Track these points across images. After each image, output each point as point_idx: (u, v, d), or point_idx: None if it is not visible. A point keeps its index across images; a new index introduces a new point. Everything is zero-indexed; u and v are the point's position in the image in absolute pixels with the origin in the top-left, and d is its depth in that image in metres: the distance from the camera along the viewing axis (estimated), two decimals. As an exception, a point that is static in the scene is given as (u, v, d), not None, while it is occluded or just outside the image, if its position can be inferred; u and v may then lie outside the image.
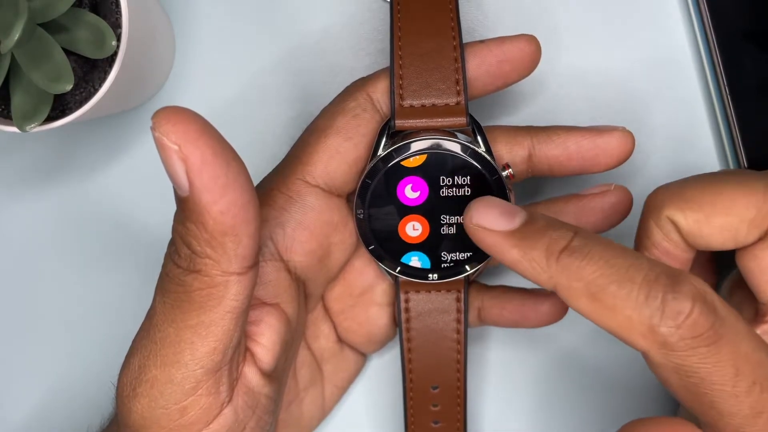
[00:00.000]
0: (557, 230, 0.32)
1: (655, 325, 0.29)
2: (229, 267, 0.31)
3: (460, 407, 0.40)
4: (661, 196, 0.36)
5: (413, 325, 0.40)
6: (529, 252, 0.32)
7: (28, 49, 0.38)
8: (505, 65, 0.37)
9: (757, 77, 0.42)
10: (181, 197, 0.31)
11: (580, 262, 0.31)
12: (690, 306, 0.29)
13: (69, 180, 0.46)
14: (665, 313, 0.29)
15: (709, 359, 0.29)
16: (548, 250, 0.31)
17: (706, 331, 0.29)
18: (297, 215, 0.37)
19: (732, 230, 0.33)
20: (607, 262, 0.30)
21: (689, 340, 0.29)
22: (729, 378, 0.29)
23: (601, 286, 0.30)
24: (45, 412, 0.47)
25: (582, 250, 0.31)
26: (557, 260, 0.31)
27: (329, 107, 0.38)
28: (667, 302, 0.29)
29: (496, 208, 0.33)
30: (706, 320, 0.29)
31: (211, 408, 0.33)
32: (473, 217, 0.33)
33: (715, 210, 0.34)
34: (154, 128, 0.30)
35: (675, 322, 0.29)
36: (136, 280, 0.46)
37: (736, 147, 0.42)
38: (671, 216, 0.35)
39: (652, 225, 0.35)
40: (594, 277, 0.30)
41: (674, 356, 0.29)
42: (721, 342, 0.29)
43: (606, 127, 0.39)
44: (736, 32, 0.42)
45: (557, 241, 0.32)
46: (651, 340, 0.30)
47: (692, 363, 0.29)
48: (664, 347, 0.29)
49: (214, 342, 0.32)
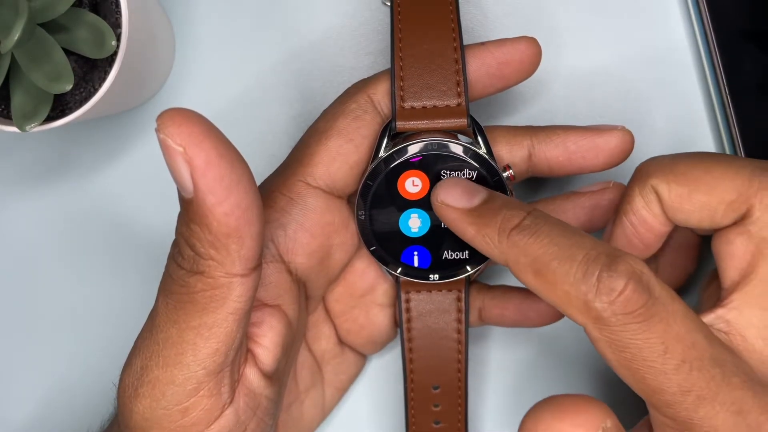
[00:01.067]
0: (511, 210, 0.34)
1: (590, 300, 0.30)
2: (232, 269, 0.31)
3: (461, 407, 0.40)
4: (650, 165, 0.36)
5: (414, 325, 0.40)
6: (483, 229, 0.34)
7: (28, 49, 0.38)
8: (505, 67, 0.38)
9: (757, 77, 0.42)
10: (185, 199, 0.31)
11: (528, 239, 0.32)
12: (623, 283, 0.30)
13: (69, 180, 0.46)
14: (599, 290, 0.30)
15: (640, 335, 0.30)
16: (500, 228, 0.33)
17: (638, 308, 0.30)
18: (298, 217, 0.37)
19: (710, 210, 0.34)
20: (552, 240, 0.32)
21: (621, 316, 0.30)
22: (658, 355, 0.30)
23: (545, 263, 0.32)
24: (45, 413, 0.47)
25: (531, 228, 0.33)
26: (508, 237, 0.33)
27: (330, 109, 0.39)
28: (602, 279, 0.30)
29: (459, 187, 0.35)
30: (639, 298, 0.30)
31: (213, 409, 0.33)
32: (439, 195, 0.36)
33: (698, 187, 0.34)
34: (158, 130, 0.30)
35: (608, 298, 0.30)
36: (137, 280, 0.46)
37: (736, 147, 0.42)
38: (656, 186, 0.35)
39: (636, 192, 0.36)
40: (539, 253, 0.32)
41: (607, 331, 0.31)
42: (653, 320, 0.30)
43: (605, 126, 0.39)
44: (736, 32, 0.42)
45: (510, 219, 0.33)
46: (587, 315, 0.31)
47: (624, 338, 0.30)
48: (598, 322, 0.31)
49: (216, 343, 0.32)
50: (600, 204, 0.40)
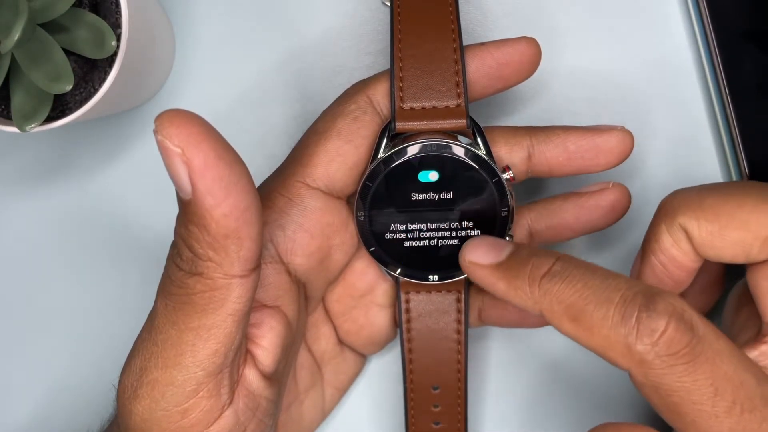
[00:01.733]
0: (539, 258, 0.33)
1: (632, 343, 0.30)
2: (231, 270, 0.31)
3: (461, 408, 0.40)
4: (678, 201, 0.35)
5: (414, 326, 0.40)
6: (513, 281, 0.33)
7: (28, 49, 0.38)
8: (505, 68, 0.37)
9: (757, 77, 0.42)
10: (184, 200, 0.31)
11: (560, 286, 0.32)
12: (665, 323, 0.29)
13: (69, 180, 0.46)
14: (640, 331, 0.29)
15: (687, 377, 0.29)
16: (531, 277, 0.33)
17: (682, 348, 0.29)
18: (297, 218, 0.37)
19: (745, 246, 0.33)
20: (586, 284, 0.31)
21: (665, 358, 0.29)
22: (708, 397, 0.29)
23: (580, 308, 0.31)
24: (45, 413, 0.47)
25: (562, 274, 0.32)
26: (539, 285, 0.32)
27: (329, 110, 0.38)
28: (642, 320, 0.29)
29: (485, 244, 0.35)
30: (682, 337, 0.29)
31: (212, 410, 0.33)
32: (466, 255, 0.36)
33: (731, 223, 0.33)
34: (156, 131, 0.30)
35: (650, 340, 0.29)
36: (136, 281, 0.46)
37: (736, 147, 0.42)
38: (684, 224, 0.34)
39: (663, 230, 0.35)
40: (573, 299, 0.31)
41: (653, 374, 0.30)
42: (699, 360, 0.29)
43: (605, 126, 0.39)
44: (736, 32, 0.42)
45: (539, 267, 0.33)
46: (629, 358, 0.30)
47: (670, 381, 0.29)
48: (642, 365, 0.30)
49: (215, 344, 0.32)
50: (600, 204, 0.39)
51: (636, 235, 0.43)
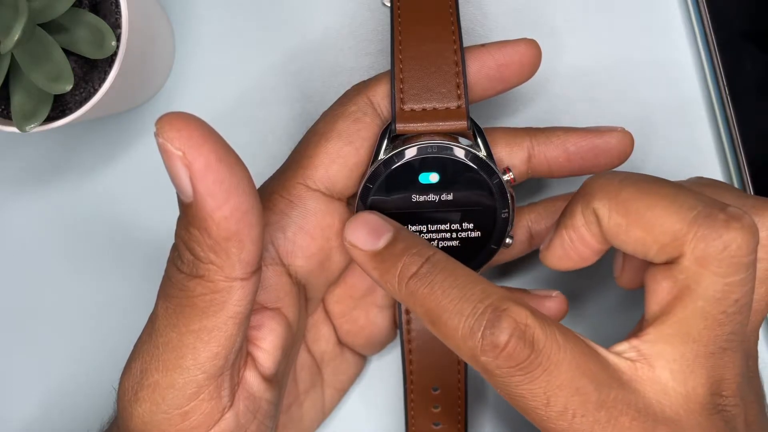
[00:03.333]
0: (411, 256, 0.34)
1: (477, 355, 0.31)
2: (232, 272, 0.31)
3: (461, 408, 0.40)
4: (597, 185, 0.35)
5: (414, 327, 0.40)
6: (384, 275, 0.35)
7: (28, 49, 0.38)
8: (505, 69, 0.37)
9: (757, 77, 0.42)
10: (185, 202, 0.31)
11: (423, 290, 0.33)
12: (505, 340, 0.31)
13: (69, 180, 0.46)
14: (483, 347, 0.31)
15: (524, 386, 0.31)
16: (400, 276, 0.34)
17: (521, 361, 0.31)
18: (298, 219, 0.37)
19: (644, 246, 0.33)
20: (444, 292, 0.33)
21: (505, 369, 0.31)
22: (541, 404, 0.31)
23: (437, 315, 0.33)
24: (45, 414, 0.47)
25: (426, 278, 0.33)
26: (406, 285, 0.34)
27: (330, 111, 0.38)
28: (486, 336, 0.31)
29: (366, 227, 0.36)
30: (520, 353, 0.31)
31: (213, 413, 0.33)
32: (346, 234, 0.36)
33: (637, 221, 0.33)
34: (157, 134, 0.30)
35: (492, 354, 0.31)
36: (137, 281, 0.46)
37: (736, 147, 0.42)
38: (597, 209, 0.34)
39: (578, 210, 0.35)
40: (431, 305, 0.33)
41: (496, 381, 0.32)
42: (536, 372, 0.31)
43: (605, 127, 0.39)
44: (736, 33, 0.42)
45: (408, 266, 0.34)
46: (477, 366, 0.32)
47: (510, 389, 0.32)
48: (486, 374, 0.32)
49: (216, 347, 0.32)
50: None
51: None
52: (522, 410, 0.32)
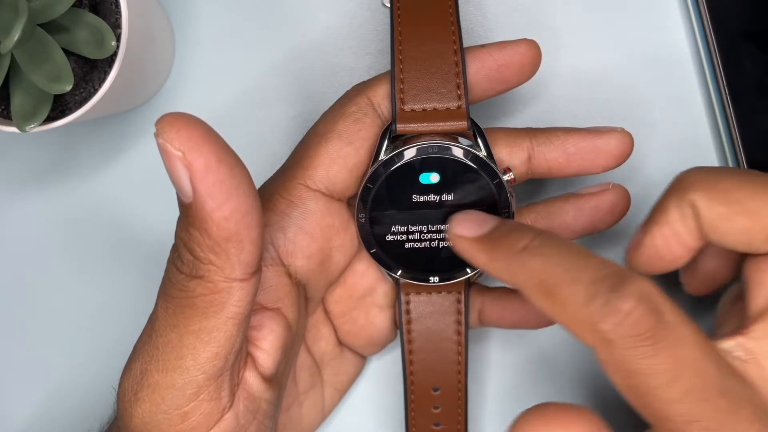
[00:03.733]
0: (519, 232, 0.33)
1: (597, 322, 0.30)
2: (232, 273, 0.31)
3: (461, 409, 0.40)
4: (693, 177, 0.34)
5: (414, 327, 0.40)
6: (493, 253, 0.34)
7: (28, 49, 0.38)
8: (505, 70, 0.37)
9: (756, 77, 0.42)
10: (185, 203, 0.31)
11: (536, 261, 0.32)
12: (632, 305, 0.29)
13: (69, 180, 0.46)
14: (606, 311, 0.29)
15: (647, 360, 0.29)
16: (509, 250, 0.33)
17: (646, 331, 0.29)
18: (298, 220, 0.37)
19: (750, 235, 0.33)
20: (560, 261, 0.31)
21: (628, 339, 0.29)
22: (664, 382, 0.29)
23: (552, 284, 0.31)
24: (45, 415, 0.47)
25: (539, 249, 0.32)
26: (516, 258, 0.32)
27: (330, 111, 0.38)
28: (609, 300, 0.29)
29: (471, 219, 0.35)
30: (647, 320, 0.29)
31: (213, 413, 0.33)
32: (452, 227, 0.36)
33: (742, 210, 0.33)
34: (157, 134, 0.30)
35: (615, 320, 0.29)
36: (137, 282, 0.46)
37: (736, 147, 0.42)
38: (695, 201, 0.34)
39: (672, 203, 0.34)
40: (547, 275, 0.31)
41: (615, 354, 0.30)
42: (661, 345, 0.29)
43: (605, 128, 0.39)
44: (736, 32, 0.42)
45: (518, 241, 0.33)
46: (594, 336, 0.30)
47: (631, 362, 0.30)
48: (605, 344, 0.30)
49: (216, 347, 0.32)
50: (600, 206, 0.39)
51: (636, 235, 0.43)
52: (636, 394, 0.30)
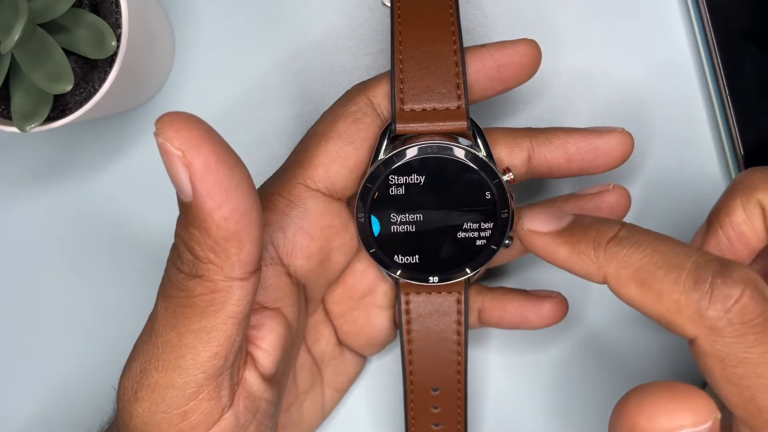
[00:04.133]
0: (604, 224, 0.32)
1: (704, 308, 0.29)
2: (231, 272, 0.31)
3: (461, 409, 0.40)
4: (758, 177, 0.34)
5: (414, 327, 0.40)
6: (576, 246, 0.32)
7: (28, 49, 0.38)
8: (505, 70, 0.37)
9: (756, 77, 0.42)
10: (184, 202, 0.31)
11: (628, 250, 0.31)
12: (740, 291, 0.28)
13: (69, 180, 0.46)
14: (714, 297, 0.29)
15: (757, 348, 0.29)
16: (596, 242, 0.32)
17: (756, 317, 0.28)
18: (298, 219, 0.37)
19: None
20: (656, 249, 0.30)
21: (738, 326, 0.28)
22: None
23: (650, 272, 0.30)
24: (45, 414, 0.47)
25: (630, 238, 0.31)
26: (605, 250, 0.31)
27: (330, 111, 0.38)
28: (717, 286, 0.29)
29: (545, 212, 0.34)
30: (756, 306, 0.28)
31: (212, 413, 0.33)
32: (525, 223, 0.34)
33: None
34: (157, 134, 0.30)
35: (724, 306, 0.29)
36: (136, 281, 0.46)
37: (736, 147, 0.42)
38: (762, 200, 0.34)
39: (738, 203, 0.34)
40: (642, 263, 0.30)
41: (721, 342, 0.29)
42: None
43: (605, 128, 0.39)
44: (736, 33, 0.42)
45: (604, 232, 0.32)
46: (699, 324, 0.29)
47: (738, 351, 0.29)
48: (712, 332, 0.29)
49: (215, 347, 0.32)
50: (601, 207, 0.39)
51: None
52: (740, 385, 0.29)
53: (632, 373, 0.44)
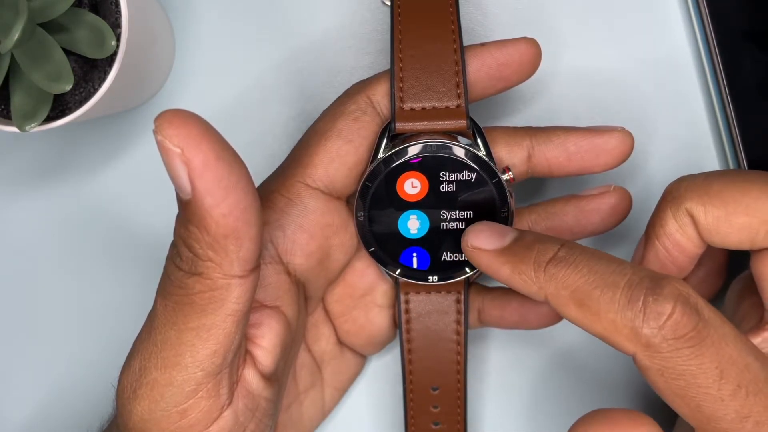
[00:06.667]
0: (544, 243, 0.33)
1: (638, 327, 0.30)
2: (230, 270, 0.31)
3: (461, 408, 0.40)
4: (684, 186, 0.35)
5: (413, 327, 0.40)
6: (518, 266, 0.33)
7: (28, 49, 0.38)
8: (505, 68, 0.37)
9: (757, 77, 0.42)
10: (183, 200, 0.31)
11: (566, 271, 0.32)
12: (671, 307, 0.29)
13: (69, 180, 0.46)
14: (647, 315, 0.29)
15: (693, 361, 0.29)
16: (536, 262, 0.33)
17: (689, 331, 0.29)
18: (297, 218, 0.37)
19: (751, 231, 0.33)
20: (591, 269, 0.31)
21: (672, 341, 0.29)
22: (713, 380, 0.29)
23: (586, 292, 0.31)
24: (45, 413, 0.47)
25: (567, 259, 0.32)
26: (544, 271, 0.32)
27: (329, 110, 0.38)
28: (648, 304, 0.30)
29: (489, 230, 0.35)
30: (688, 321, 0.29)
31: (211, 411, 0.33)
32: (469, 240, 0.35)
33: (737, 208, 0.33)
34: (156, 131, 0.30)
35: (657, 323, 0.29)
36: (136, 281, 0.46)
37: (736, 147, 0.42)
38: (691, 209, 0.34)
39: (669, 215, 0.35)
40: (579, 284, 0.31)
41: (659, 358, 0.30)
42: (705, 343, 0.29)
43: (605, 127, 0.39)
44: (736, 32, 0.42)
45: (544, 252, 0.33)
46: (636, 342, 0.30)
47: (676, 365, 0.30)
48: (648, 349, 0.30)
49: (215, 345, 0.32)
50: (602, 208, 0.39)
51: (637, 237, 0.43)
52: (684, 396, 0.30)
53: (633, 371, 0.44)
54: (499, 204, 0.37)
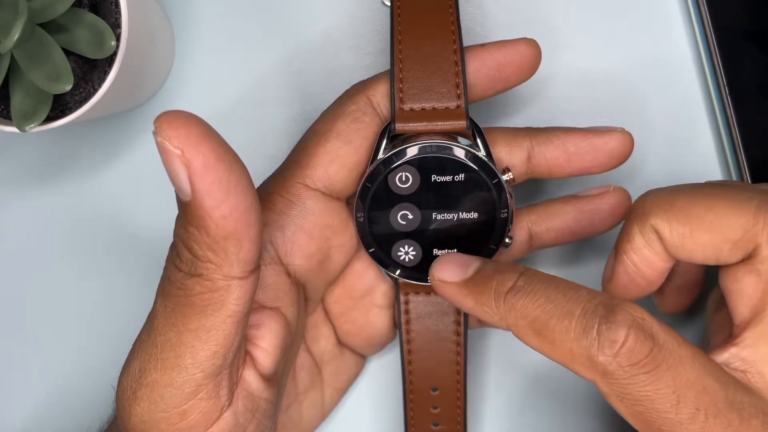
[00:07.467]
0: (504, 274, 0.33)
1: (594, 355, 0.30)
2: (230, 271, 0.31)
3: (460, 409, 0.40)
4: (650, 202, 0.35)
5: (413, 327, 0.40)
6: (479, 297, 0.33)
7: (27, 49, 0.38)
8: (505, 69, 0.37)
9: (757, 77, 0.42)
10: (183, 201, 0.31)
11: (524, 301, 0.32)
12: (624, 334, 0.29)
13: (69, 180, 0.46)
14: (601, 343, 0.30)
15: (649, 386, 0.30)
16: (496, 293, 0.33)
17: (643, 357, 0.29)
18: (297, 219, 0.37)
19: (715, 248, 0.33)
20: (548, 298, 0.32)
21: (627, 368, 0.29)
22: (671, 405, 0.30)
23: (543, 322, 0.31)
24: (44, 414, 0.47)
25: (525, 289, 0.32)
26: (504, 301, 0.33)
27: (329, 111, 0.38)
28: (602, 332, 0.30)
29: (452, 262, 0.35)
30: (642, 347, 0.29)
31: (211, 412, 0.33)
32: (435, 273, 0.35)
33: (701, 226, 0.33)
34: (156, 132, 0.30)
35: (611, 351, 0.30)
36: (136, 281, 0.46)
37: (736, 147, 0.42)
38: (656, 225, 0.34)
39: (636, 231, 0.35)
40: (536, 313, 0.32)
41: (616, 384, 0.30)
42: (660, 368, 0.30)
43: (605, 128, 0.39)
44: (736, 32, 0.42)
45: (503, 283, 0.33)
46: (593, 370, 0.30)
47: (633, 391, 0.30)
48: (605, 377, 0.30)
49: (214, 346, 0.32)
50: (600, 208, 0.39)
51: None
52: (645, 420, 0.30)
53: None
54: (499, 205, 0.37)
